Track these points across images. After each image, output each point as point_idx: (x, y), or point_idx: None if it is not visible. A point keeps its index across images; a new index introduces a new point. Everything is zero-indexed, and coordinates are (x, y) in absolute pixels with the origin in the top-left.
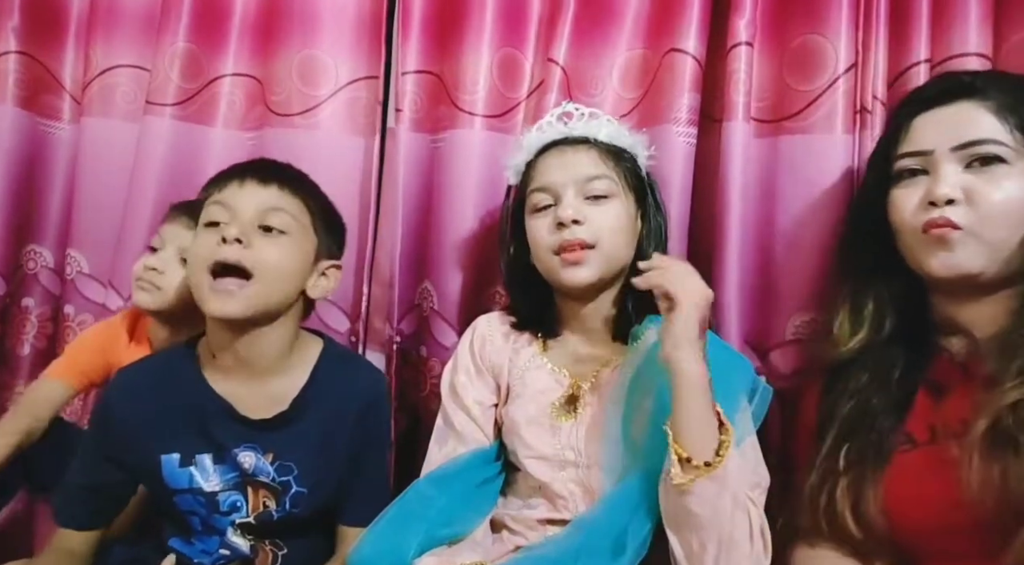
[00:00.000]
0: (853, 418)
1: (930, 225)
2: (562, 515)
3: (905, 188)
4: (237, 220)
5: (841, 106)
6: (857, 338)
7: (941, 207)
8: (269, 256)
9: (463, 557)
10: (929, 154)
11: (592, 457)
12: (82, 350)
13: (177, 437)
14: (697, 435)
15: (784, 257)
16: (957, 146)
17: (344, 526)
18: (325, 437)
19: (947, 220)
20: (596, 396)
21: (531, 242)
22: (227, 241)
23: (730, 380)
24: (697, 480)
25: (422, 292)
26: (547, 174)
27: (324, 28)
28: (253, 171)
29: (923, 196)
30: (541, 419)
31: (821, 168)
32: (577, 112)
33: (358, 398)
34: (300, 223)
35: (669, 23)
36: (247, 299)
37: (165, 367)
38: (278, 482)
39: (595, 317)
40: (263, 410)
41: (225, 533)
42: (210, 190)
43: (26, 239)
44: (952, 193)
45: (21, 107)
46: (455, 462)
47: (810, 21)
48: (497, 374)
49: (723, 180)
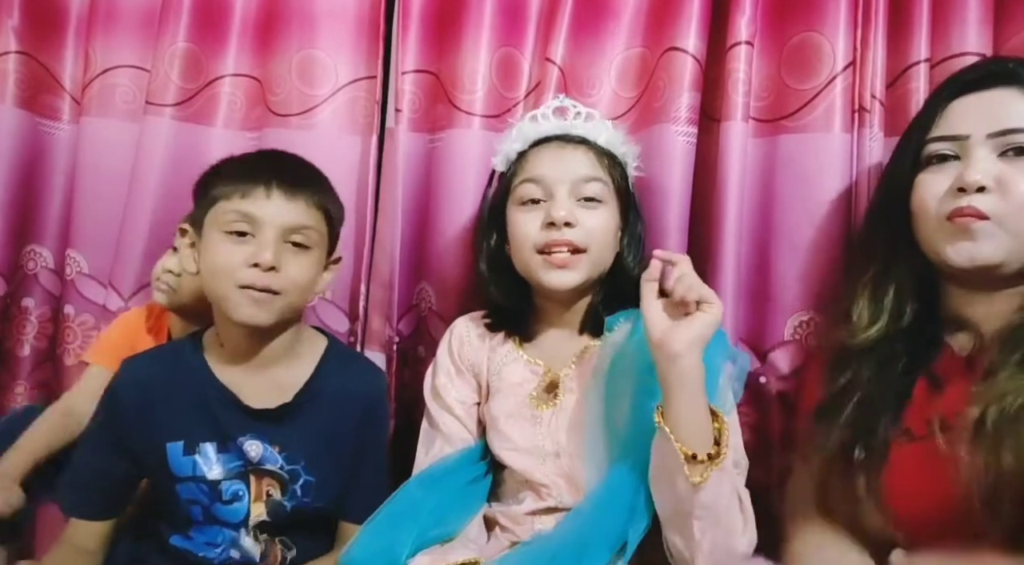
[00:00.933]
0: (855, 410)
1: (956, 214)
2: (548, 503)
3: (934, 173)
4: (265, 237)
5: (839, 105)
6: (876, 327)
7: (970, 194)
8: (297, 274)
9: (457, 555)
10: (964, 139)
11: (574, 446)
12: (115, 334)
13: (182, 425)
14: (696, 430)
15: (783, 256)
16: (994, 133)
17: (345, 522)
18: (328, 432)
19: (974, 210)
20: (575, 384)
21: (513, 235)
22: (261, 267)
23: (710, 354)
24: (711, 474)
25: (420, 292)
26: (540, 166)
27: (323, 28)
28: (278, 179)
29: (952, 182)
30: (521, 411)
31: (819, 167)
32: (573, 109)
33: (361, 396)
34: (320, 235)
35: (668, 21)
36: (275, 311)
37: (171, 357)
38: (287, 470)
39: (571, 314)
40: (266, 400)
41: (238, 533)
42: (225, 190)
43: (26, 239)
44: (984, 180)
45: (21, 107)
46: (443, 462)
47: (808, 18)
48: (477, 373)
49: (722, 179)
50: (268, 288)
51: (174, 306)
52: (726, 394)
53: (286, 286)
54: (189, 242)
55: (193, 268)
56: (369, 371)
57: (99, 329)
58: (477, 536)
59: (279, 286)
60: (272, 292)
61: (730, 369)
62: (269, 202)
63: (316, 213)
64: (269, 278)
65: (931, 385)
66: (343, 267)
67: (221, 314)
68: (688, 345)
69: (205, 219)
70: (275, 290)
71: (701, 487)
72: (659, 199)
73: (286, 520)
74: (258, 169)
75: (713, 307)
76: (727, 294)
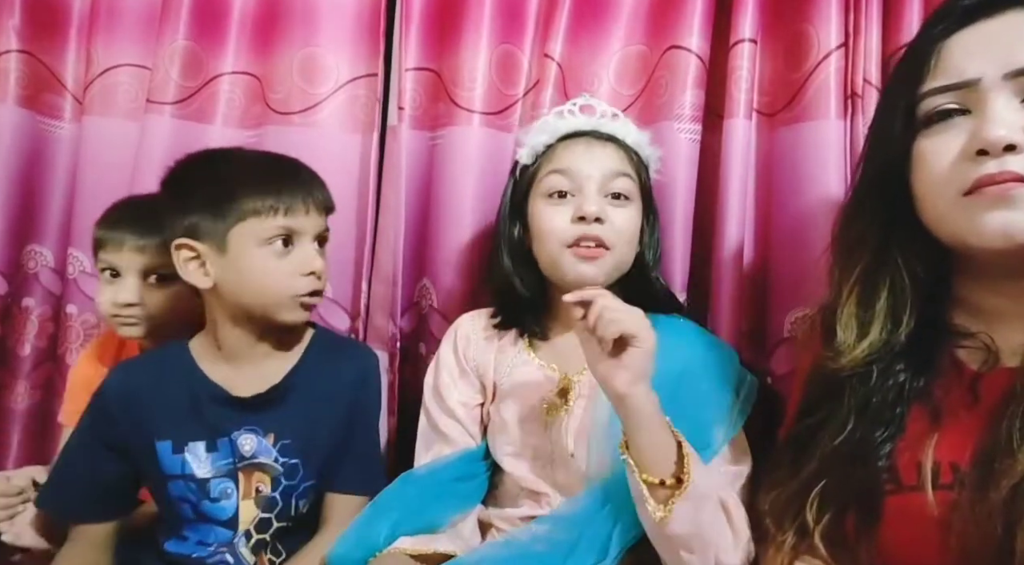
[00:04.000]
0: (840, 449)
1: (984, 182)
2: (546, 511)
3: (938, 136)
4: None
5: (833, 88)
6: (866, 343)
7: (998, 156)
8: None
9: (441, 544)
10: (974, 85)
11: (581, 453)
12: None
13: (171, 424)
14: (661, 458)
15: (784, 252)
16: (1013, 72)
17: (333, 493)
18: (318, 410)
19: (1013, 174)
20: (586, 389)
21: (539, 228)
22: (317, 275)
23: (721, 376)
24: (674, 506)
25: (421, 289)
26: (569, 159)
27: (324, 26)
28: (310, 197)
29: (966, 144)
30: (532, 416)
31: (817, 157)
32: (600, 108)
33: (349, 372)
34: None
35: (670, 20)
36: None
37: (159, 359)
38: (281, 462)
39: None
40: (256, 388)
41: (234, 539)
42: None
43: (26, 239)
44: (1012, 136)
45: (22, 106)
46: (438, 460)
47: (805, 10)
48: (482, 374)
49: (724, 176)
50: (320, 290)
51: (149, 333)
52: (734, 415)
53: (324, 287)
54: (191, 256)
55: (206, 283)
56: (357, 350)
57: (100, 328)
58: (470, 537)
59: (323, 288)
60: (320, 295)
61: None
62: (307, 217)
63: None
64: (318, 282)
65: (929, 415)
66: (344, 264)
67: (239, 318)
68: (629, 384)
69: (231, 233)
70: (322, 293)
71: (667, 522)
72: (662, 196)
73: (279, 516)
74: (288, 184)
75: (640, 341)
76: (730, 291)
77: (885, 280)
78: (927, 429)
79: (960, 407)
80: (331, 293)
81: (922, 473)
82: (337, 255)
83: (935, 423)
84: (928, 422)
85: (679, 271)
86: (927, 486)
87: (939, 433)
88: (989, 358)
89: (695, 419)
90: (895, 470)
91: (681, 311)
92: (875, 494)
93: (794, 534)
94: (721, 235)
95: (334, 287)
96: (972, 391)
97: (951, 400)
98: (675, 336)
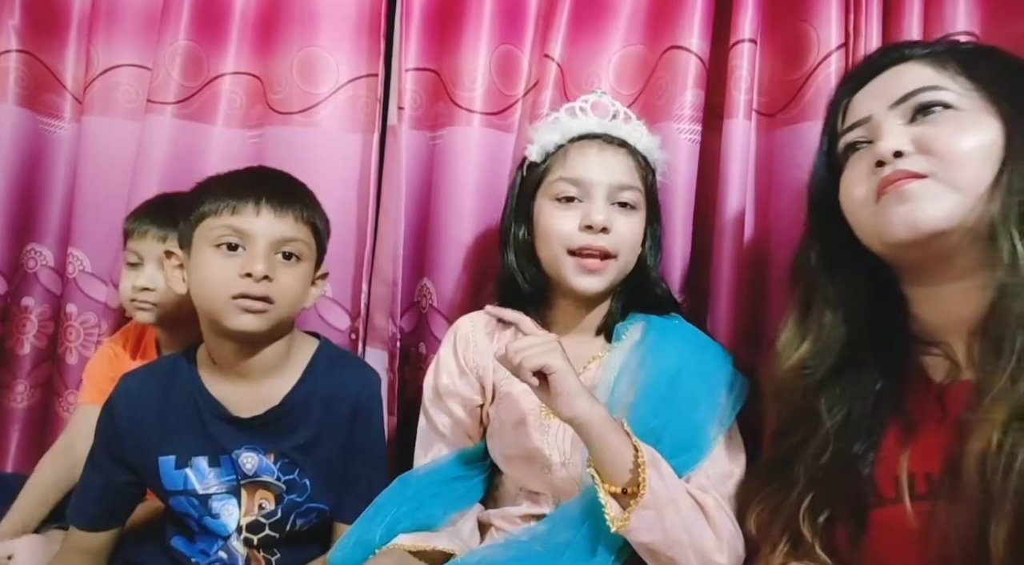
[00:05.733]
0: (825, 464)
1: (885, 184)
2: (544, 510)
3: (852, 166)
4: (256, 250)
5: (833, 88)
6: (801, 351)
7: (891, 162)
8: (290, 284)
9: (440, 541)
10: (868, 121)
11: (577, 457)
12: (98, 371)
13: (175, 439)
14: (619, 466)
15: (784, 252)
16: (894, 102)
17: (339, 523)
18: (319, 431)
19: (904, 172)
20: None
21: (544, 230)
22: (255, 277)
23: (714, 376)
24: (631, 516)
25: (421, 289)
26: (582, 167)
27: (324, 26)
28: (267, 196)
29: (868, 161)
30: (530, 419)
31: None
32: (612, 107)
33: (350, 394)
34: (309, 248)
35: (670, 20)
36: (269, 319)
37: (166, 372)
38: (283, 481)
39: (590, 316)
40: (255, 408)
41: (228, 538)
42: (213, 207)
43: (26, 238)
44: (898, 144)
45: (22, 106)
46: (437, 461)
47: (804, 9)
48: (482, 375)
49: (724, 177)
50: (263, 296)
51: (160, 319)
52: (724, 415)
53: (279, 295)
54: (176, 264)
55: (182, 289)
56: (359, 369)
57: (100, 328)
58: (469, 537)
59: (273, 294)
60: (266, 300)
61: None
62: (258, 219)
63: (304, 227)
64: (263, 287)
65: (903, 428)
66: (344, 264)
67: (212, 328)
68: (568, 407)
69: (193, 237)
70: (270, 298)
71: (627, 531)
72: (663, 196)
73: (277, 525)
74: (246, 186)
75: (550, 367)
76: (730, 291)
77: (818, 299)
78: (901, 440)
79: (931, 419)
80: (331, 293)
81: (899, 486)
82: (337, 255)
83: (908, 434)
84: (902, 433)
85: (679, 271)
86: (904, 497)
87: (912, 445)
88: (951, 369)
89: (687, 419)
90: (875, 484)
91: (679, 312)
92: (863, 505)
93: (785, 544)
94: (721, 235)
95: (334, 287)
96: (940, 403)
97: (922, 411)
98: (670, 337)
